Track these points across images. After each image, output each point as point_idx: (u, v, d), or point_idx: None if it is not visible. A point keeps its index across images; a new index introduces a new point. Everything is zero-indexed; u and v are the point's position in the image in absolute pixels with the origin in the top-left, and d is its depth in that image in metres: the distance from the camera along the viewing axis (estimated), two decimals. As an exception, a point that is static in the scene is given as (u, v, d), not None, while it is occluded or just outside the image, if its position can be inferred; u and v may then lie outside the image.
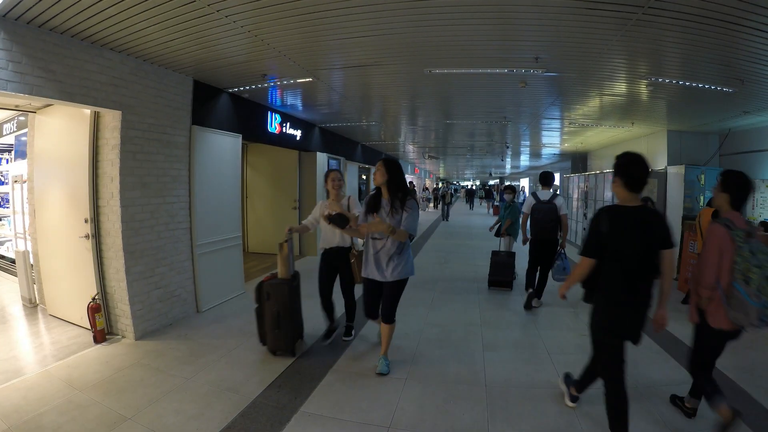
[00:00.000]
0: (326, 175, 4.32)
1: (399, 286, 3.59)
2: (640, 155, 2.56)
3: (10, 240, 7.26)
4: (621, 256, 2.49)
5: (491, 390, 3.44)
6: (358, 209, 4.06)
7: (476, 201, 32.60)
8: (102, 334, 4.32)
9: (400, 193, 3.52)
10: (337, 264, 4.27)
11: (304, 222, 4.27)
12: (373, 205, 3.60)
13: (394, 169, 3.53)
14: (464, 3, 3.20)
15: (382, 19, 3.48)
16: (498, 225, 7.31)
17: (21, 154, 6.58)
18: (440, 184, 36.16)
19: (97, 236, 4.42)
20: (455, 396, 3.34)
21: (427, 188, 31.05)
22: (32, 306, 5.55)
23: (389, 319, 3.64)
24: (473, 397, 3.33)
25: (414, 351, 4.21)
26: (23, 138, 6.52)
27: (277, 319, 3.94)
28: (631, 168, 2.53)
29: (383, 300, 3.62)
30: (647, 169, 2.54)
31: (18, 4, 3.05)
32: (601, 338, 2.65)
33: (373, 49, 4.23)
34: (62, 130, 4.72)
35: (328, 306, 4.37)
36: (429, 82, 5.49)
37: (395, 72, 5.03)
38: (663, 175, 8.03)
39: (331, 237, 4.24)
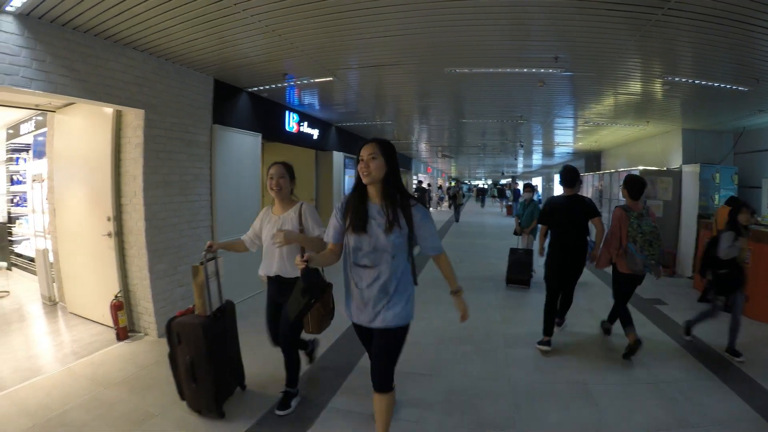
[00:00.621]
0: (268, 170, 3.12)
1: (397, 335, 2.33)
2: (570, 166, 4.29)
3: (28, 239, 7.33)
4: (557, 225, 4.22)
5: (515, 385, 3.48)
6: (317, 226, 2.96)
7: (488, 200, 32.59)
8: (125, 331, 4.36)
9: (399, 193, 2.28)
10: (280, 300, 3.00)
11: (243, 237, 3.23)
12: (357, 218, 2.28)
13: (393, 155, 2.29)
14: (486, 4, 3.22)
15: (408, 19, 3.51)
16: (519, 223, 7.30)
17: (39, 154, 6.64)
18: (452, 183, 35.59)
19: (119, 234, 4.46)
20: (480, 391, 3.39)
21: (441, 187, 30.71)
22: (52, 304, 5.59)
23: (384, 386, 2.34)
24: (498, 392, 3.38)
25: (437, 348, 4.24)
26: (41, 138, 6.58)
27: (191, 370, 2.88)
28: (562, 174, 4.29)
29: (373, 358, 2.40)
30: (573, 174, 4.25)
31: (41, 3, 3.06)
32: (548, 274, 4.30)
33: (396, 49, 4.26)
34: (83, 129, 4.75)
35: (290, 359, 3.11)
36: (447, 82, 5.53)
37: (415, 71, 5.07)
38: (678, 174, 8.00)
39: (269, 261, 3.04)
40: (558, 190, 20.32)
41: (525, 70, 4.81)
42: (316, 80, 5.37)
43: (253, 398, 3.29)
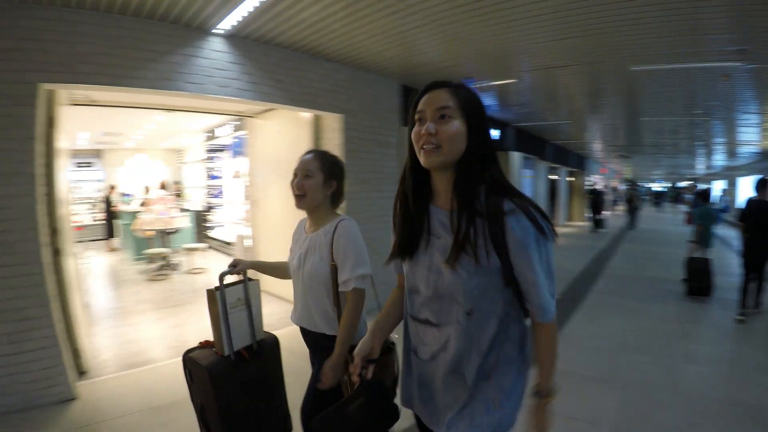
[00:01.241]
0: None
1: None
2: (762, 177, 5.05)
3: (222, 225, 8.67)
4: (750, 223, 4.97)
5: (691, 402, 3.29)
6: (354, 267, 1.83)
7: (666, 205, 29.96)
8: (316, 309, 4.93)
9: (487, 188, 1.16)
10: (314, 359, 2.03)
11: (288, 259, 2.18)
12: (405, 231, 1.32)
13: (480, 114, 1.18)
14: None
15: (596, 16, 3.49)
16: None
17: (236, 153, 7.81)
18: (628, 186, 31.39)
19: (317, 225, 5.04)
20: (656, 402, 3.29)
21: (615, 189, 28.32)
22: (247, 281, 6.54)
23: None
24: (673, 405, 3.24)
25: (616, 354, 4.16)
26: (236, 139, 7.72)
27: (203, 415, 2.28)
28: (756, 183, 5.05)
29: None
30: (761, 181, 4.98)
31: (248, 26, 3.60)
32: (744, 261, 5.10)
33: (578, 49, 4.26)
34: (281, 132, 5.43)
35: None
36: (626, 79, 5.37)
37: (596, 70, 4.99)
38: None
39: (295, 300, 2.10)
40: (741, 195, 18.36)
41: (708, 64, 4.53)
42: (498, 82, 5.51)
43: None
